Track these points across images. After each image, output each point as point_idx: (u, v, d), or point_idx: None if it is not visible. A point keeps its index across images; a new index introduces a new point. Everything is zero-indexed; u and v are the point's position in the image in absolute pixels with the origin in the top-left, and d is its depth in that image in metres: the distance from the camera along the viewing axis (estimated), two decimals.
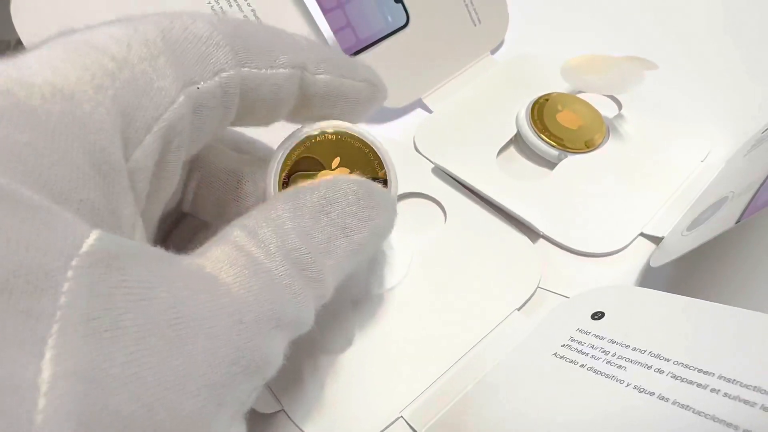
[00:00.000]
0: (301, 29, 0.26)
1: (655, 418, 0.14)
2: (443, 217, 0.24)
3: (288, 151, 0.17)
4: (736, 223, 0.18)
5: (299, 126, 0.17)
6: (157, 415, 0.09)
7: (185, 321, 0.10)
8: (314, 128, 0.17)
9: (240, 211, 0.18)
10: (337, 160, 0.17)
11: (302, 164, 0.17)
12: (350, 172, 0.17)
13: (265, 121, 0.16)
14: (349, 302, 0.21)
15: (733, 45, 0.31)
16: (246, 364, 0.11)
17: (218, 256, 0.12)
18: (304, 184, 0.15)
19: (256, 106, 0.15)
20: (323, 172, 0.17)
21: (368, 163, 0.18)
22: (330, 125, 0.17)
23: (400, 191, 0.25)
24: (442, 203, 0.24)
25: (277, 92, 0.15)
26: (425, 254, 0.23)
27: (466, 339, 0.20)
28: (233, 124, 0.15)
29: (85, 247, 0.09)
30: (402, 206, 0.25)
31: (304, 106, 0.16)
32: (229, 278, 0.12)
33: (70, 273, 0.09)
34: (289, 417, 0.19)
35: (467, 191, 0.25)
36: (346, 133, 0.17)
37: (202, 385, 0.10)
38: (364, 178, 0.16)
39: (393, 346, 0.20)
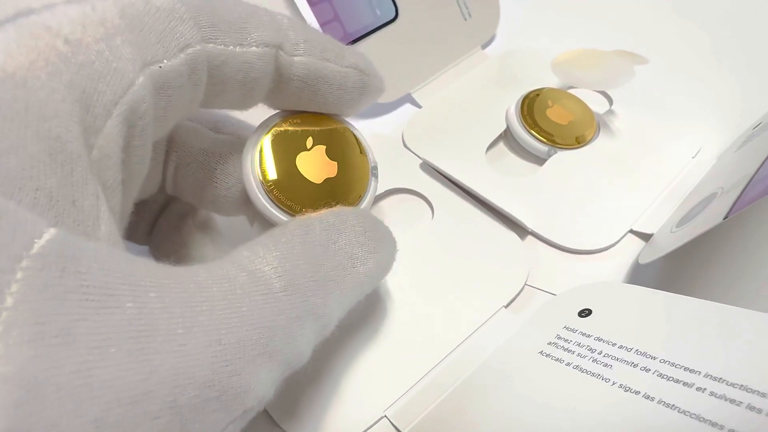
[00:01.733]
0: None
1: (641, 418, 0.14)
2: (431, 213, 0.24)
3: (268, 129, 0.16)
4: (724, 219, 0.17)
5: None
6: None
7: (152, 335, 0.09)
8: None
9: (220, 192, 0.17)
10: (321, 147, 0.17)
11: (283, 141, 0.16)
12: (327, 149, 0.17)
13: (241, 103, 0.15)
14: None
15: (726, 40, 0.31)
16: (221, 389, 0.10)
17: (216, 271, 0.11)
18: (311, 215, 0.15)
19: (226, 87, 0.14)
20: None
21: (353, 158, 0.17)
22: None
23: (389, 187, 0.25)
24: (430, 199, 0.24)
25: (249, 72, 0.14)
26: (411, 250, 0.22)
27: (451, 337, 0.20)
28: (205, 105, 0.15)
29: (36, 248, 0.09)
30: (389, 202, 0.25)
31: (281, 90, 0.16)
32: (219, 294, 0.11)
33: (19, 274, 0.08)
34: (270, 416, 0.18)
35: (455, 187, 0.24)
36: (338, 120, 0.17)
37: (166, 407, 0.09)
38: (367, 212, 0.16)
39: (377, 344, 0.20)
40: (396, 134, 0.27)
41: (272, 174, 0.16)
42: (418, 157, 0.26)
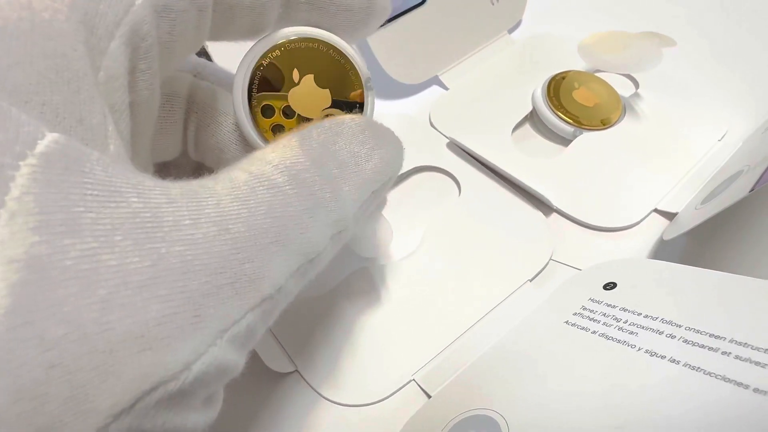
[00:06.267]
0: None
1: (666, 380, 0.15)
2: (457, 191, 0.24)
3: (252, 67, 0.16)
4: (750, 192, 0.18)
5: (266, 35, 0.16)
6: (111, 315, 0.08)
7: (159, 225, 0.09)
8: (281, 36, 0.15)
9: (240, 153, 0.17)
10: (309, 77, 0.16)
11: (268, 79, 0.16)
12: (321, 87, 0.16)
13: (251, 32, 0.15)
14: (361, 260, 0.21)
15: (753, 24, 0.31)
16: (233, 276, 0.10)
17: (218, 175, 0.12)
18: (306, 124, 0.14)
19: (235, 13, 0.14)
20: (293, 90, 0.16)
21: (344, 76, 0.16)
22: (300, 31, 0.16)
23: (415, 164, 0.25)
24: (457, 177, 0.25)
25: None
26: (439, 225, 0.23)
27: (478, 307, 0.20)
28: (215, 38, 0.15)
29: (39, 148, 0.09)
30: (416, 179, 0.25)
31: (289, 16, 0.15)
32: (224, 191, 0.11)
33: (24, 170, 0.08)
34: (303, 377, 0.19)
35: (481, 166, 0.25)
36: (318, 40, 0.16)
37: (176, 291, 0.09)
38: (365, 116, 0.16)
39: (407, 312, 0.20)
40: (423, 115, 0.28)
41: (270, 127, 0.16)
42: (445, 136, 0.26)
